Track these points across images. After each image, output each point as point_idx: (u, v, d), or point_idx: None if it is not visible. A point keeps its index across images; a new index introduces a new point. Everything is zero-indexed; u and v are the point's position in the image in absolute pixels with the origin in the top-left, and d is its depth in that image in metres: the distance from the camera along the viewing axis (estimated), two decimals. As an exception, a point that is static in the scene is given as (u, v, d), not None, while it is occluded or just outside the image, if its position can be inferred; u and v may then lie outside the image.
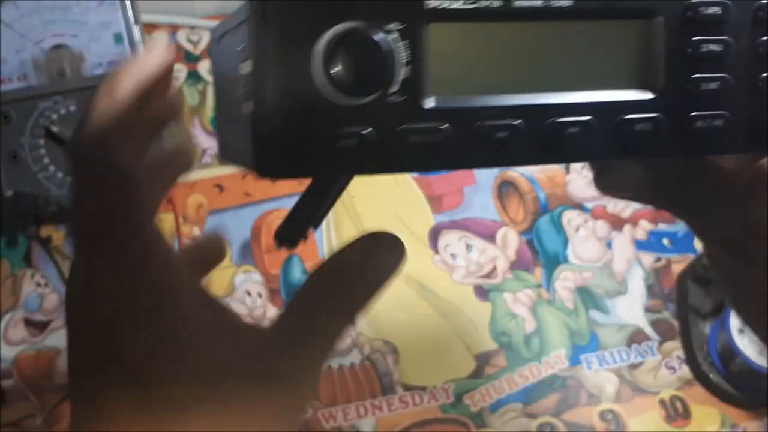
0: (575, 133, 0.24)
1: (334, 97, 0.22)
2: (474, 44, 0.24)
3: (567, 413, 0.52)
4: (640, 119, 0.24)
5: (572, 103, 0.24)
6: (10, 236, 0.58)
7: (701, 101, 0.25)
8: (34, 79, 0.56)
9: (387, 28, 0.22)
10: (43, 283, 0.56)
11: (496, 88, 0.24)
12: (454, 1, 0.23)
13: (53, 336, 0.54)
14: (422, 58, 0.23)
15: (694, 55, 0.25)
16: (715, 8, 0.24)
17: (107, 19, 0.56)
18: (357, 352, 0.54)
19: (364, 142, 0.23)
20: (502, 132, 0.23)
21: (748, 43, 0.25)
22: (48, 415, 0.51)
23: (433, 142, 0.23)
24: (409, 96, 0.23)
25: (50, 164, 0.56)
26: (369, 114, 0.23)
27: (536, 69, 0.24)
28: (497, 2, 0.23)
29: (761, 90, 0.25)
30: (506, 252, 0.59)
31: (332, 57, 0.22)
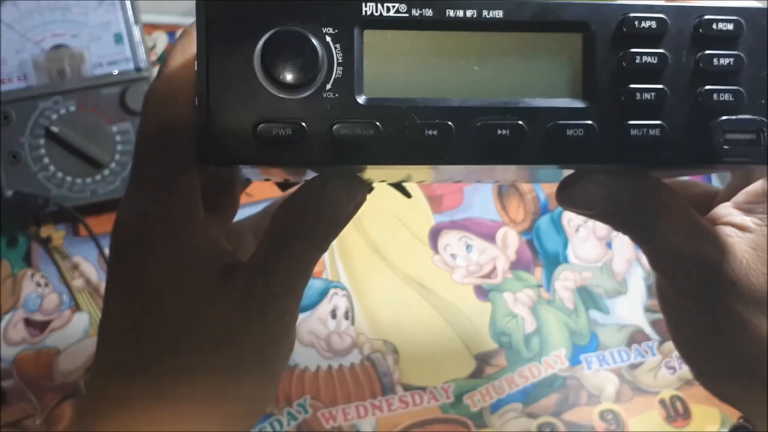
0: (505, 136, 0.25)
1: (271, 92, 0.24)
2: (407, 49, 0.25)
3: (567, 413, 0.52)
4: (572, 125, 0.25)
5: (503, 107, 0.25)
6: (10, 236, 0.58)
7: (636, 111, 0.25)
8: (34, 79, 0.56)
9: (324, 32, 0.25)
10: (43, 283, 0.56)
11: (428, 90, 0.25)
12: (389, 10, 0.25)
13: (53, 336, 0.54)
14: (356, 60, 0.25)
15: (628, 66, 0.25)
16: (651, 22, 0.25)
17: (107, 19, 0.56)
18: (357, 353, 0.54)
19: (298, 133, 0.24)
20: (431, 131, 0.25)
21: (687, 57, 0.25)
22: (48, 415, 0.51)
23: (363, 137, 0.25)
24: (342, 93, 0.25)
25: (50, 164, 0.56)
26: (304, 108, 0.25)
27: (469, 74, 0.25)
28: (429, 12, 0.25)
29: (701, 104, 0.25)
30: (506, 252, 0.59)
31: (271, 56, 0.24)
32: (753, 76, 0.26)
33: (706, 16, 0.25)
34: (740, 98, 0.25)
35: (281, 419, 0.51)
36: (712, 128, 0.25)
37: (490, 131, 0.25)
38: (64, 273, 0.57)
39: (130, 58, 0.57)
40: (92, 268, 0.57)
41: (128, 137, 0.57)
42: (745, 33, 0.26)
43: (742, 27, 0.25)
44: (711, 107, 0.26)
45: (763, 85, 0.26)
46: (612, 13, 0.25)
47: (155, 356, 0.28)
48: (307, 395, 0.52)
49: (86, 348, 0.54)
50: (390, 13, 0.25)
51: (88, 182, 0.56)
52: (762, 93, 0.26)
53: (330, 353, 0.54)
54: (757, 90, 0.26)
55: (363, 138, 0.25)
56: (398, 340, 0.54)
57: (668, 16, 0.25)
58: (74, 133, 0.56)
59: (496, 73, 0.25)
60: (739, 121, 0.25)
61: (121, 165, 0.57)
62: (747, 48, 0.26)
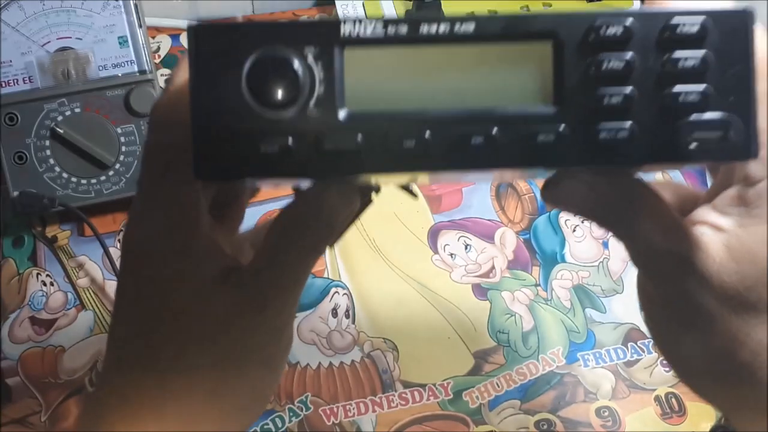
0: (480, 143, 0.26)
1: (259, 111, 0.26)
2: (385, 65, 0.26)
3: (564, 410, 0.53)
4: (543, 130, 0.26)
5: (477, 116, 0.26)
6: (16, 236, 0.59)
7: (604, 114, 0.26)
8: (39, 81, 0.56)
9: (306, 52, 0.26)
10: (48, 282, 0.57)
11: (406, 102, 0.26)
12: (366, 29, 0.26)
13: (58, 334, 0.54)
14: (337, 77, 0.26)
15: (596, 71, 0.26)
16: (617, 28, 0.26)
17: (112, 21, 0.57)
18: (357, 350, 0.55)
19: (285, 149, 0.26)
20: (410, 142, 0.26)
21: (655, 60, 0.26)
22: (53, 413, 0.51)
23: (347, 150, 0.26)
24: (325, 109, 0.26)
25: (55, 165, 0.56)
26: (289, 125, 0.26)
27: (444, 85, 0.26)
28: (404, 28, 0.26)
29: (668, 104, 0.26)
30: (504, 251, 0.59)
31: (257, 77, 0.26)
32: (721, 75, 0.26)
33: (672, 20, 0.26)
34: (707, 97, 0.26)
35: (283, 416, 0.52)
36: (680, 127, 0.26)
37: (465, 139, 0.26)
38: (69, 272, 0.57)
39: (134, 61, 0.57)
40: (97, 268, 0.57)
41: (132, 138, 0.58)
42: (711, 32, 0.26)
43: (707, 27, 0.26)
44: (679, 107, 0.26)
45: (731, 83, 0.26)
46: (579, 21, 0.26)
47: (162, 354, 0.30)
48: (308, 392, 0.53)
49: (91, 346, 0.54)
50: (367, 31, 0.26)
51: (93, 183, 0.57)
52: (731, 90, 0.26)
53: (331, 351, 0.54)
54: (725, 88, 0.26)
55: (346, 150, 0.26)
56: (398, 338, 0.55)
57: (634, 22, 0.26)
58: (79, 134, 0.56)
59: (470, 83, 0.26)
60: (707, 120, 0.26)
61: (125, 166, 0.58)
62: (714, 47, 0.26)
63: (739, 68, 0.26)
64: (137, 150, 0.58)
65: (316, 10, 0.73)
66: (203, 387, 0.30)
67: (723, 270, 0.28)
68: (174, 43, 0.69)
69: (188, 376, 0.29)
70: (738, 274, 0.28)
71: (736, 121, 0.26)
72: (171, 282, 0.30)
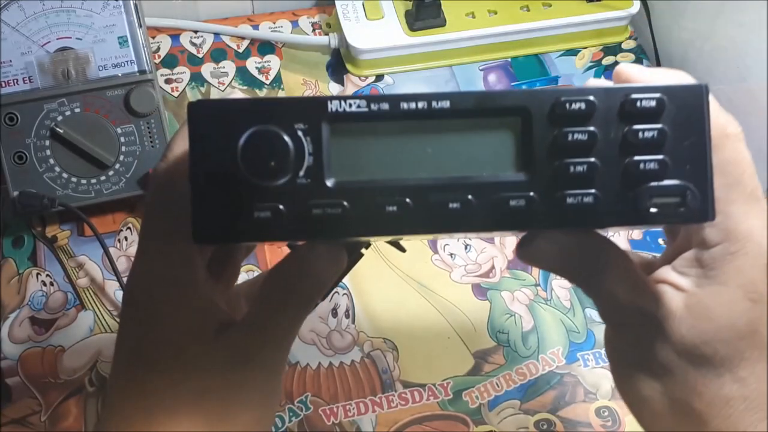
0: (457, 209, 0.28)
1: (252, 180, 0.28)
2: (369, 138, 0.29)
3: (564, 410, 0.53)
4: (515, 197, 0.28)
5: (453, 184, 0.28)
6: (16, 236, 0.59)
7: (570, 182, 0.28)
8: (39, 81, 0.56)
9: (296, 127, 0.28)
10: (48, 282, 0.57)
11: (388, 171, 0.29)
12: (351, 106, 0.28)
13: (58, 334, 0.54)
14: (324, 149, 0.28)
15: (562, 143, 0.28)
16: (580, 103, 0.28)
17: (112, 22, 0.57)
18: (357, 350, 0.55)
19: (277, 215, 0.28)
20: (391, 207, 0.28)
21: (616, 132, 0.28)
22: (53, 413, 0.51)
23: (334, 215, 0.28)
24: (313, 178, 0.28)
25: (55, 165, 0.56)
26: (281, 193, 0.28)
27: (423, 155, 0.29)
28: (386, 106, 0.28)
29: (629, 172, 0.28)
30: (504, 251, 0.60)
31: (251, 151, 0.28)
32: (678, 145, 0.28)
33: (631, 95, 0.28)
34: (665, 166, 0.28)
35: (283, 416, 0.52)
36: (640, 194, 0.28)
37: (442, 205, 0.28)
38: (69, 272, 0.57)
39: (134, 61, 0.57)
40: (97, 268, 0.58)
41: (132, 138, 0.58)
42: (668, 106, 0.28)
43: (664, 102, 0.28)
44: (638, 175, 0.28)
45: (688, 153, 0.28)
46: (546, 97, 0.28)
47: (157, 398, 0.31)
48: (308, 392, 0.53)
49: (91, 346, 0.54)
50: (352, 108, 0.28)
51: (92, 183, 0.57)
52: (687, 160, 0.28)
53: (331, 351, 0.54)
54: (682, 157, 0.28)
55: (333, 216, 0.28)
56: (398, 338, 0.55)
57: (597, 97, 0.28)
58: (79, 134, 0.56)
59: (447, 154, 0.29)
60: (664, 187, 0.28)
61: (125, 166, 0.58)
62: (671, 120, 0.28)
63: (694, 139, 0.28)
64: (137, 150, 0.58)
65: (316, 10, 0.73)
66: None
67: (683, 325, 0.31)
68: (174, 43, 0.70)
69: (181, 423, 0.31)
70: (696, 329, 0.30)
71: (692, 187, 0.28)
72: (167, 337, 0.32)
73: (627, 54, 0.71)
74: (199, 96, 0.67)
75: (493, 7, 0.69)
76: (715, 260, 0.30)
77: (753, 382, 0.30)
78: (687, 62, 0.70)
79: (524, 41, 0.70)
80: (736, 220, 0.30)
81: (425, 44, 0.68)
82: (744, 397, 0.30)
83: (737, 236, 0.30)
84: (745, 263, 0.30)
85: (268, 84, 0.68)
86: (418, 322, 0.56)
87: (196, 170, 0.28)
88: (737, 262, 0.30)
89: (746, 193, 0.30)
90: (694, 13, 0.69)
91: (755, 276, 0.30)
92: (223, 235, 0.29)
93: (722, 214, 0.30)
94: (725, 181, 0.30)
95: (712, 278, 0.30)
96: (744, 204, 0.30)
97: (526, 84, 0.69)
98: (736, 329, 0.30)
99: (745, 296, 0.30)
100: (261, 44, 0.70)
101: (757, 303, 0.30)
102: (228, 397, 0.32)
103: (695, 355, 0.31)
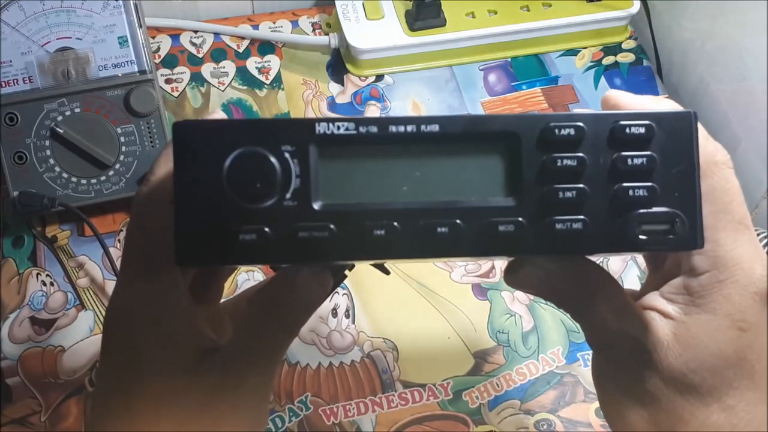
0: (445, 233, 0.28)
1: (238, 202, 0.28)
2: (356, 160, 0.28)
3: (564, 410, 0.53)
4: (503, 222, 0.28)
5: (442, 208, 0.28)
6: (16, 236, 0.59)
7: (560, 208, 0.28)
8: (39, 81, 0.56)
9: (283, 149, 0.28)
10: (48, 282, 0.57)
11: (376, 194, 0.28)
12: (339, 129, 0.28)
13: (58, 334, 0.54)
14: (312, 172, 0.28)
15: (551, 168, 0.28)
16: (569, 130, 0.28)
17: (112, 22, 0.57)
18: (357, 350, 0.55)
19: (262, 238, 0.28)
20: (379, 231, 0.28)
21: (605, 158, 0.28)
22: (53, 413, 0.51)
23: (320, 238, 0.28)
24: (300, 201, 0.28)
25: (55, 165, 0.56)
26: (267, 216, 0.28)
27: (412, 179, 0.28)
28: (375, 128, 0.28)
29: (618, 199, 0.28)
30: (504, 251, 0.59)
31: (237, 173, 0.27)
32: (666, 173, 0.28)
33: (620, 122, 0.28)
34: (654, 193, 0.28)
35: (283, 416, 0.52)
36: (629, 220, 0.28)
37: (431, 229, 0.28)
38: (69, 272, 0.57)
39: (134, 61, 0.57)
40: (97, 268, 0.58)
41: (132, 139, 0.58)
42: (657, 135, 0.28)
43: (653, 129, 0.28)
44: (627, 202, 0.28)
45: (676, 180, 0.28)
46: (535, 122, 0.28)
47: (142, 425, 0.31)
48: (308, 392, 0.53)
49: (91, 346, 0.54)
50: (340, 131, 0.28)
51: (92, 183, 0.57)
52: (676, 187, 0.28)
53: (331, 351, 0.54)
54: (671, 185, 0.28)
55: (319, 239, 0.28)
56: (398, 338, 0.55)
57: (586, 123, 0.28)
58: (79, 134, 0.56)
59: (436, 178, 0.28)
60: (653, 214, 0.28)
61: (125, 166, 0.58)
62: (659, 148, 0.28)
63: (683, 167, 0.28)
64: (137, 150, 0.58)
65: (316, 10, 0.73)
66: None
67: (670, 353, 0.30)
68: (174, 43, 0.70)
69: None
70: (683, 357, 0.30)
71: (681, 215, 0.28)
72: (149, 365, 0.31)
73: (627, 54, 0.71)
74: (199, 96, 0.67)
75: (493, 7, 0.69)
76: (704, 288, 0.30)
77: (741, 411, 0.30)
78: (687, 62, 0.70)
79: (524, 41, 0.70)
80: (725, 248, 0.30)
81: (425, 44, 0.68)
82: (732, 425, 0.30)
83: (726, 264, 0.30)
84: (734, 291, 0.30)
85: (268, 84, 0.68)
86: (418, 322, 0.56)
87: (181, 191, 0.28)
88: (726, 290, 0.30)
89: (735, 221, 0.30)
90: (694, 13, 0.69)
91: (743, 304, 0.30)
92: (206, 257, 0.28)
93: (711, 242, 0.30)
94: (714, 208, 0.30)
95: (701, 306, 0.30)
96: (733, 232, 0.30)
97: (527, 83, 0.69)
98: (724, 358, 0.30)
99: (733, 324, 0.30)
100: (261, 44, 0.70)
101: (745, 331, 0.30)
102: (217, 422, 0.31)
103: (683, 383, 0.30)
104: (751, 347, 0.30)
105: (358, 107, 0.67)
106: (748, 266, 0.30)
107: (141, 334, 0.31)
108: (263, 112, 0.66)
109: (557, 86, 0.69)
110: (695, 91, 0.70)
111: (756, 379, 0.30)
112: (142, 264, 0.31)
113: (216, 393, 0.31)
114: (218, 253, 0.28)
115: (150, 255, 0.31)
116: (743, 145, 0.64)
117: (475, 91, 0.68)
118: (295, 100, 0.67)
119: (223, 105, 0.67)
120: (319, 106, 0.67)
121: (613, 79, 0.70)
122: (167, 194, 0.29)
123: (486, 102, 0.68)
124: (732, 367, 0.30)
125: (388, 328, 0.55)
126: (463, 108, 0.67)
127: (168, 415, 0.31)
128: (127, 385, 0.31)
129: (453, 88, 0.68)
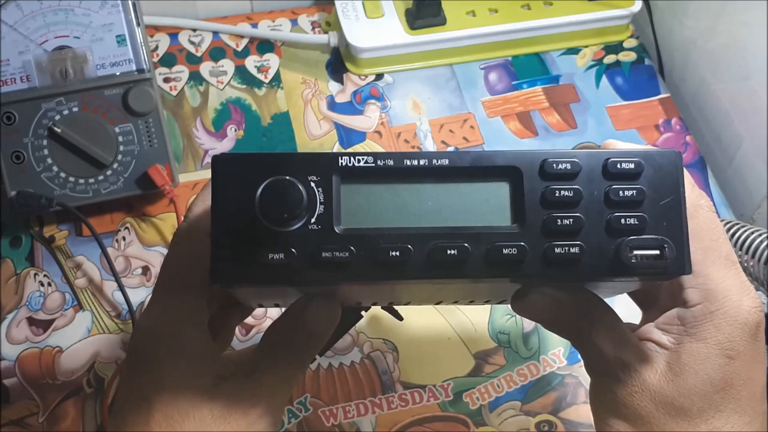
0: (454, 255, 0.31)
1: (268, 226, 0.31)
2: (374, 190, 0.32)
3: (565, 411, 0.53)
4: (507, 246, 0.31)
5: (451, 233, 0.31)
6: (13, 236, 0.58)
7: (558, 234, 0.31)
8: (37, 80, 0.56)
9: (309, 179, 0.31)
10: (46, 283, 0.56)
11: (392, 220, 0.31)
12: (359, 161, 0.31)
13: (56, 335, 0.54)
14: (334, 199, 0.31)
15: (550, 198, 0.31)
16: (566, 164, 0.31)
17: (110, 20, 0.57)
18: (357, 351, 0.54)
19: (289, 258, 0.30)
20: (395, 253, 0.31)
21: (599, 190, 0.31)
22: (51, 414, 0.51)
23: (341, 260, 0.31)
24: (324, 225, 0.31)
25: (53, 165, 0.56)
26: (294, 238, 0.31)
27: (424, 206, 0.32)
28: (391, 162, 0.31)
29: (611, 227, 0.31)
30: (505, 252, 0.59)
31: (268, 199, 0.30)
32: (655, 204, 0.31)
33: (612, 159, 0.31)
34: (644, 222, 0.31)
35: (282, 417, 0.51)
36: (621, 246, 0.31)
37: (441, 251, 0.31)
38: (67, 272, 0.57)
39: (132, 60, 0.57)
40: (95, 268, 0.57)
41: (131, 138, 0.57)
42: (646, 170, 0.31)
43: (641, 165, 0.31)
44: (620, 229, 0.31)
45: (664, 211, 0.31)
46: (535, 158, 0.32)
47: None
48: (307, 393, 0.52)
49: (89, 346, 0.54)
50: (360, 163, 0.31)
51: (90, 182, 0.57)
52: (664, 217, 0.31)
53: (331, 352, 0.54)
54: (659, 215, 0.31)
55: (341, 260, 0.31)
56: (398, 339, 0.55)
57: (581, 159, 0.31)
58: (77, 133, 0.56)
59: (446, 205, 0.32)
60: (643, 240, 0.31)
61: (123, 165, 0.57)
62: (648, 182, 0.31)
63: (670, 199, 0.31)
64: (135, 149, 0.57)
65: (316, 9, 0.73)
66: None
67: (663, 379, 0.33)
68: (172, 41, 0.69)
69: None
70: (674, 382, 0.33)
71: (669, 241, 0.31)
72: (165, 384, 0.33)
73: (629, 53, 0.71)
74: (197, 95, 0.66)
75: (493, 5, 0.69)
76: (696, 318, 0.33)
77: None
78: (689, 61, 0.70)
79: (525, 40, 0.69)
80: (715, 281, 0.33)
81: (425, 43, 0.67)
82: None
83: (716, 297, 0.33)
84: (724, 322, 0.33)
85: (267, 83, 0.68)
86: (418, 323, 0.56)
87: (217, 214, 0.31)
88: (716, 321, 0.33)
89: (722, 256, 0.34)
90: (696, 12, 0.68)
91: (733, 334, 0.33)
92: (238, 276, 0.31)
93: (702, 276, 0.33)
94: (702, 245, 0.33)
95: (693, 335, 0.33)
96: (722, 267, 0.34)
97: (527, 82, 0.69)
98: (713, 383, 0.33)
99: (722, 353, 0.33)
100: (260, 43, 0.70)
101: (733, 359, 0.33)
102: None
103: (673, 406, 0.33)
104: (738, 374, 0.33)
105: (358, 106, 0.67)
106: (736, 298, 0.33)
107: (165, 347, 0.34)
108: (262, 111, 0.66)
109: (558, 85, 0.69)
110: (697, 90, 0.69)
111: (742, 403, 0.33)
112: (173, 285, 0.35)
113: (229, 414, 0.33)
114: (249, 272, 0.31)
115: (182, 278, 0.35)
116: (745, 144, 0.64)
117: (476, 89, 0.68)
118: (294, 99, 0.67)
119: (221, 104, 0.66)
120: (319, 105, 0.66)
121: (615, 78, 0.69)
122: (203, 229, 0.33)
123: (486, 101, 0.67)
124: (720, 391, 0.33)
125: (388, 329, 0.55)
126: (464, 107, 0.67)
127: (182, 429, 0.32)
128: (146, 393, 0.33)
129: (453, 87, 0.68)
